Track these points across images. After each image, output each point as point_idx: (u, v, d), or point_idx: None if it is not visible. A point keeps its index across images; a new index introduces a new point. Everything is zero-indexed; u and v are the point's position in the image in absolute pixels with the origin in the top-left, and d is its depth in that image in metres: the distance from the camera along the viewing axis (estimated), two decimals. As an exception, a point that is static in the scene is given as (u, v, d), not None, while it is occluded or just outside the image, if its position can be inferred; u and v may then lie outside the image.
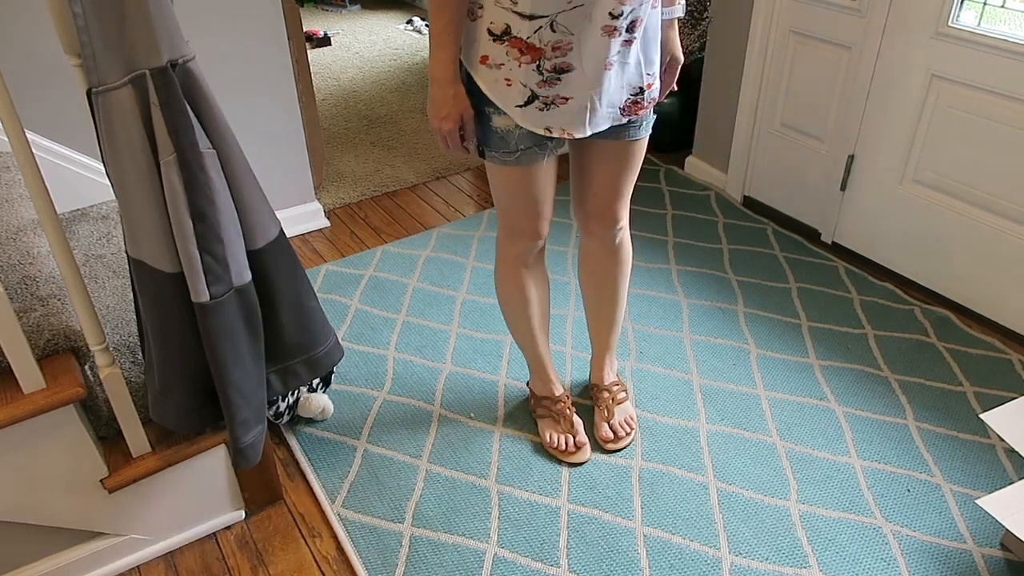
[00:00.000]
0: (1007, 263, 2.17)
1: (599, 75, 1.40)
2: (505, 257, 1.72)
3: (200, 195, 1.23)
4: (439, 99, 1.41)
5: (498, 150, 1.49)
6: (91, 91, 1.14)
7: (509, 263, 1.73)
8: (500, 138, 1.47)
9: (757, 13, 2.60)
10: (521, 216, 1.62)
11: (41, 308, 1.43)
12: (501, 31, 1.34)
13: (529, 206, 1.60)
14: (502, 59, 1.37)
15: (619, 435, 1.87)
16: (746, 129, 2.80)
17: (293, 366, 1.51)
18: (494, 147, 1.49)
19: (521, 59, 1.36)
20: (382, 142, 3.49)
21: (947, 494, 1.75)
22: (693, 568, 1.60)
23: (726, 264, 2.55)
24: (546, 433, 1.87)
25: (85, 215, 1.93)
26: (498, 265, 1.76)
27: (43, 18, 2.07)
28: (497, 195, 1.62)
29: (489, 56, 1.38)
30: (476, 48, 1.39)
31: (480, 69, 1.40)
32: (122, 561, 1.64)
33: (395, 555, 1.64)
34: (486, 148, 1.50)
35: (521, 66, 1.37)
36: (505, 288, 1.77)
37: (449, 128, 1.44)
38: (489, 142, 1.49)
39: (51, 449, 1.41)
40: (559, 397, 1.89)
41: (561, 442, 1.85)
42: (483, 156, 1.53)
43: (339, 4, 5.56)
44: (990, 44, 2.04)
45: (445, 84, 1.40)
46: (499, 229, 1.70)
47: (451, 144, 1.48)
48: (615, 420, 1.89)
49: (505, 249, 1.71)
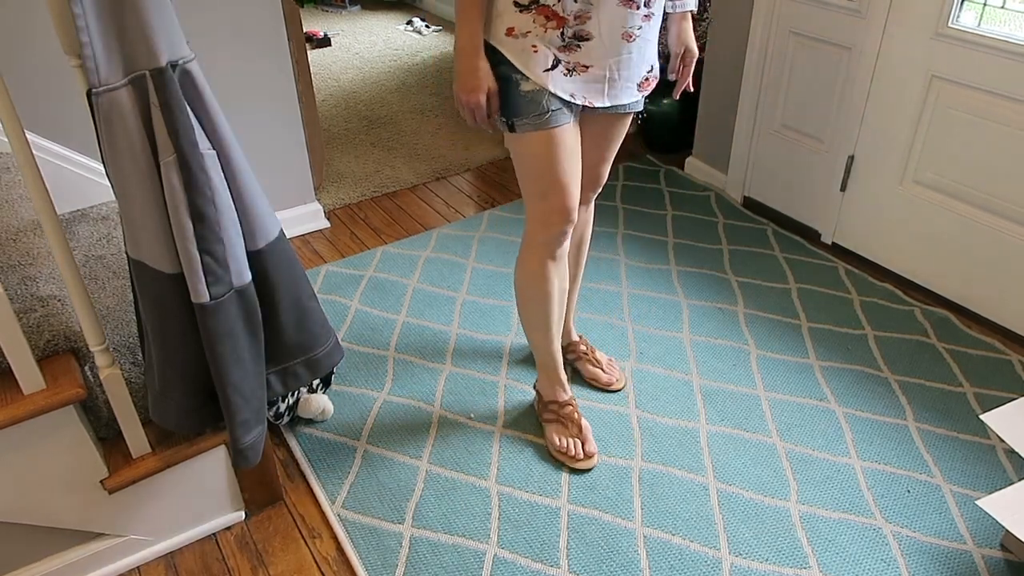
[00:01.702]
0: (1007, 264, 2.17)
1: (617, 46, 1.48)
2: (534, 247, 1.69)
3: (200, 196, 1.23)
4: (467, 71, 1.45)
5: (529, 114, 1.50)
6: (91, 92, 1.14)
7: (538, 254, 1.69)
8: (530, 101, 1.49)
9: (757, 14, 2.60)
10: (554, 190, 1.59)
11: (41, 309, 1.43)
12: (529, 1, 1.42)
13: (562, 177, 1.58)
14: (528, 27, 1.43)
15: (616, 375, 2.05)
16: (746, 130, 2.80)
17: (293, 367, 1.51)
18: (525, 112, 1.50)
19: (547, 25, 1.43)
20: (382, 143, 3.49)
21: (947, 495, 1.75)
22: (693, 569, 1.60)
23: (726, 265, 2.55)
24: (554, 437, 1.85)
25: (85, 216, 1.93)
26: (525, 257, 1.72)
27: (43, 18, 2.07)
28: (529, 173, 1.60)
29: (515, 27, 1.44)
30: (501, 22, 1.44)
31: (506, 41, 1.45)
32: (122, 562, 1.64)
33: (395, 556, 1.64)
34: (516, 119, 1.51)
35: (547, 31, 1.44)
36: (529, 281, 1.73)
37: (477, 100, 1.47)
38: (519, 110, 1.50)
39: (51, 450, 1.41)
40: (567, 401, 1.88)
41: (570, 446, 1.83)
42: (512, 130, 1.53)
43: (339, 5, 5.56)
44: (990, 45, 2.04)
45: (472, 56, 1.44)
46: (529, 219, 1.67)
47: (478, 117, 1.50)
48: (605, 362, 2.06)
49: (535, 237, 1.67)
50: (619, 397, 2.02)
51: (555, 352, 1.85)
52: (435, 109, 3.83)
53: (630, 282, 2.47)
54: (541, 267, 1.70)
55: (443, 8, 5.28)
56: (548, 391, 1.90)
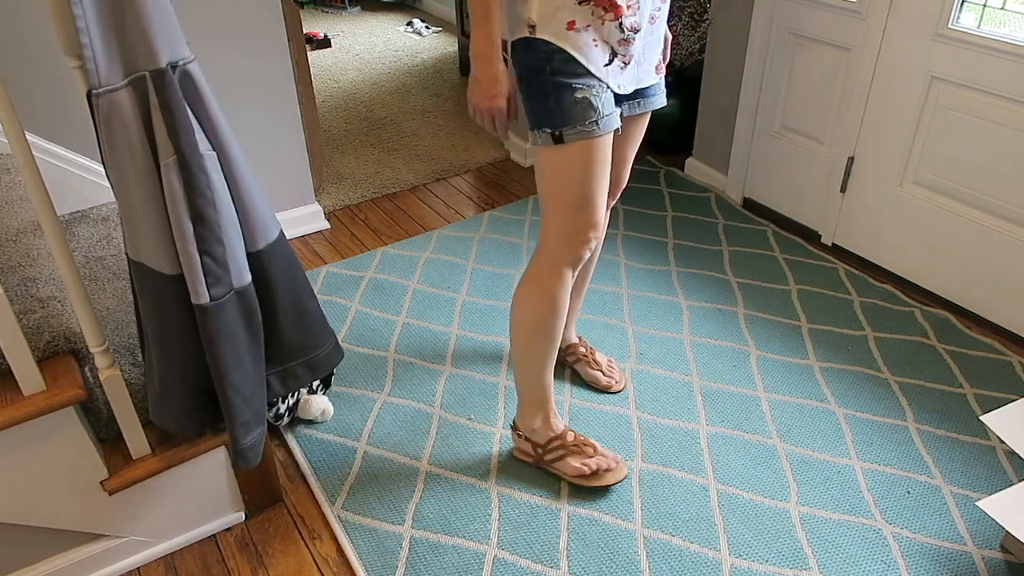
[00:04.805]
0: (1007, 265, 2.17)
1: (647, 30, 1.46)
2: (558, 271, 1.58)
3: (200, 197, 1.23)
4: (486, 77, 1.40)
5: (584, 120, 1.42)
6: (91, 93, 1.14)
7: (560, 276, 1.58)
8: (585, 107, 1.41)
9: (757, 15, 2.60)
10: (588, 203, 1.50)
11: (41, 310, 1.43)
12: None
13: (598, 188, 1.50)
14: (588, 20, 1.37)
15: (616, 377, 2.05)
16: (746, 131, 2.80)
17: (293, 368, 1.51)
18: (578, 119, 1.41)
19: (605, 16, 1.37)
20: (382, 144, 3.50)
21: (947, 496, 1.74)
22: (693, 570, 1.60)
23: (726, 266, 2.55)
24: (578, 466, 1.74)
25: (85, 217, 1.93)
26: (544, 282, 1.59)
27: (43, 19, 2.07)
28: (565, 186, 1.49)
29: (576, 20, 1.36)
30: (561, 16, 1.36)
31: (569, 36, 1.37)
32: (122, 563, 1.64)
33: (395, 557, 1.64)
34: (565, 128, 1.42)
35: (605, 24, 1.38)
36: (539, 311, 1.62)
37: (500, 106, 1.41)
38: (571, 117, 1.41)
39: (51, 451, 1.41)
40: (565, 429, 1.79)
41: (600, 463, 1.74)
42: (560, 140, 1.43)
43: (339, 6, 5.56)
44: (990, 46, 2.04)
45: (493, 61, 1.38)
46: (551, 238, 1.55)
47: (499, 123, 1.44)
48: (604, 365, 2.05)
49: (560, 259, 1.56)
50: (619, 398, 2.02)
51: (551, 382, 1.74)
52: (435, 110, 3.83)
53: (630, 283, 2.47)
54: (563, 289, 1.60)
55: (443, 9, 5.28)
56: (543, 430, 1.77)
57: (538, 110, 1.43)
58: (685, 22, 3.03)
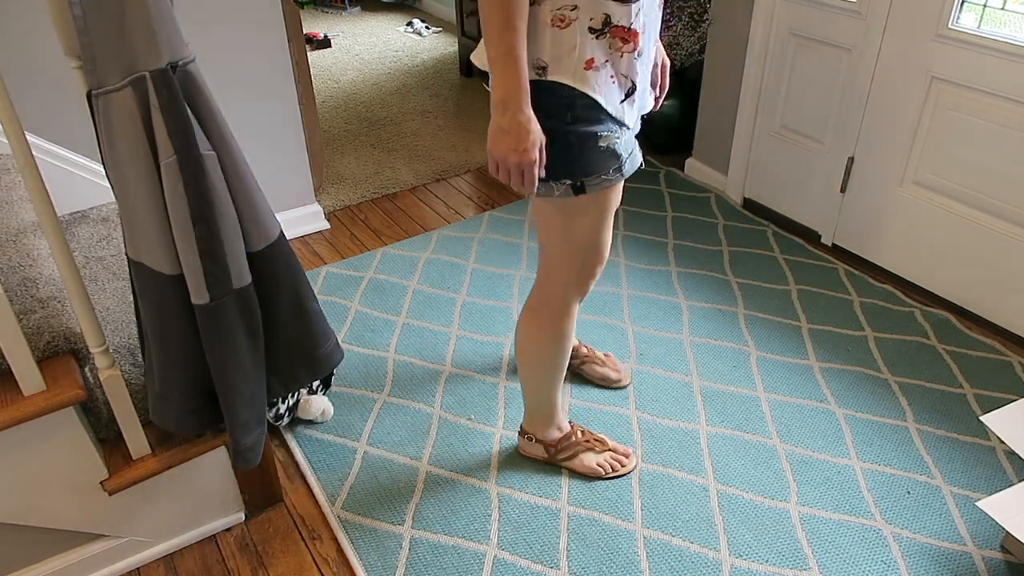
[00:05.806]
0: (1007, 265, 2.17)
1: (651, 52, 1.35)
2: (567, 309, 1.55)
3: (200, 197, 1.23)
4: (517, 128, 1.20)
5: (608, 169, 1.33)
6: (91, 93, 1.14)
7: (568, 312, 1.56)
8: (609, 155, 1.32)
9: (757, 15, 2.60)
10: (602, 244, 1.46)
11: (41, 310, 1.43)
12: (602, 23, 1.23)
13: (610, 225, 1.46)
14: (606, 55, 1.25)
15: (621, 371, 2.07)
16: (746, 131, 2.80)
17: (293, 368, 1.51)
18: (603, 168, 1.32)
19: (624, 48, 1.25)
20: (382, 144, 3.50)
21: (947, 496, 1.74)
22: (693, 570, 1.60)
23: (726, 266, 2.55)
24: (594, 462, 1.78)
25: (85, 217, 1.93)
26: (553, 319, 1.56)
27: (43, 20, 2.07)
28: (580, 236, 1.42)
29: (595, 58, 1.24)
30: (577, 55, 1.23)
31: (588, 77, 1.24)
32: (122, 563, 1.64)
33: (395, 557, 1.64)
34: (588, 178, 1.32)
35: (624, 56, 1.26)
36: (552, 345, 1.60)
37: (532, 158, 1.23)
38: (596, 166, 1.32)
39: (51, 451, 1.41)
40: (574, 428, 1.82)
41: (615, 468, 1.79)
42: (582, 191, 1.34)
43: (339, 6, 5.56)
44: (990, 46, 2.04)
45: (521, 108, 1.20)
46: (559, 280, 1.51)
47: (527, 179, 1.25)
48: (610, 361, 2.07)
49: (569, 297, 1.53)
50: (619, 398, 2.02)
51: (559, 396, 1.75)
52: (435, 110, 3.83)
53: (630, 283, 2.47)
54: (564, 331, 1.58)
55: (443, 9, 5.28)
56: (553, 433, 1.80)
57: (557, 162, 1.29)
58: (685, 22, 3.03)
